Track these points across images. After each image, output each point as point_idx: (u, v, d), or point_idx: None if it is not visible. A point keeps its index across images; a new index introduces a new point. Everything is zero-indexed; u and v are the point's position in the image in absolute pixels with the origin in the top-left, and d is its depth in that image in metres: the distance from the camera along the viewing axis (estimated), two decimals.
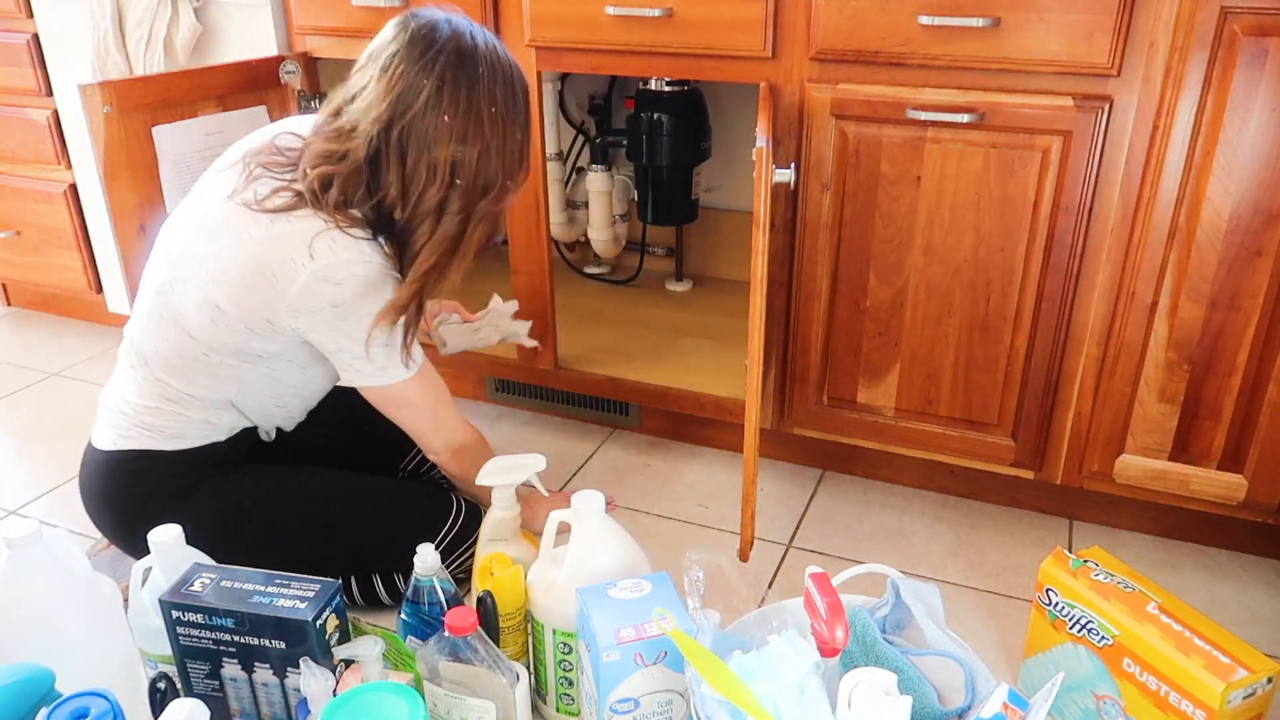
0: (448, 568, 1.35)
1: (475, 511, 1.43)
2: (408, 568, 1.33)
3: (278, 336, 1.24)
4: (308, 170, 1.19)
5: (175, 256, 1.26)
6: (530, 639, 1.23)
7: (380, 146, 1.17)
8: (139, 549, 1.20)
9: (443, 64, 1.15)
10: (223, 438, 1.34)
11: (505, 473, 1.28)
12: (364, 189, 1.19)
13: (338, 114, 1.20)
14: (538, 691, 1.23)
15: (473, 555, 1.38)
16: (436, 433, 1.39)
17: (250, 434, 1.39)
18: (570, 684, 1.19)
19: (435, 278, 1.23)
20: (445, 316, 1.66)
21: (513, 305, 1.68)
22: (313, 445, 1.46)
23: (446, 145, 1.17)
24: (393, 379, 1.29)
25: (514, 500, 1.30)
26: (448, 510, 1.41)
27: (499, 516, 1.30)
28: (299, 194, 1.19)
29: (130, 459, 1.30)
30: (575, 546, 1.17)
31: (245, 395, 1.31)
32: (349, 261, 1.18)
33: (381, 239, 1.22)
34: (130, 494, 1.31)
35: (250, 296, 1.20)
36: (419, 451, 1.56)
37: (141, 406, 1.30)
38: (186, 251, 1.24)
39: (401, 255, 1.23)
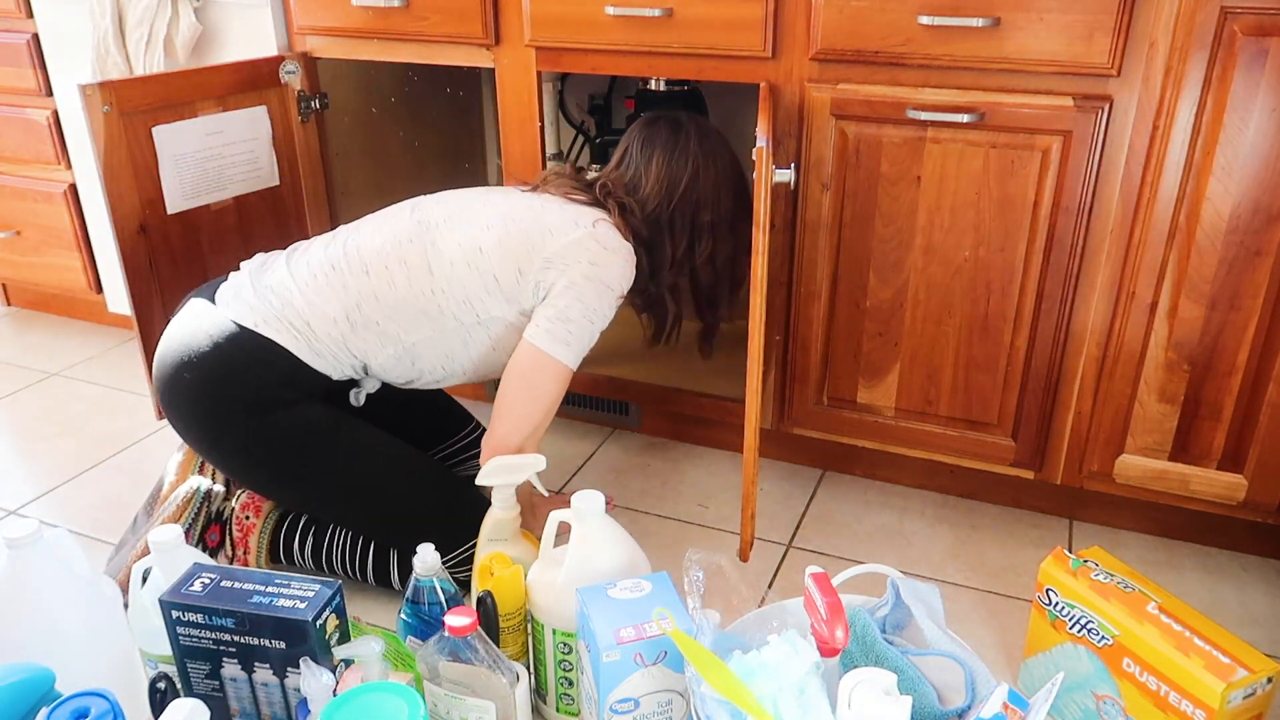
0: (452, 569, 1.36)
1: None
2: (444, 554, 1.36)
3: (510, 295, 1.35)
4: (608, 183, 1.45)
5: (451, 207, 1.40)
6: (530, 639, 1.23)
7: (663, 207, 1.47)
8: (205, 434, 1.32)
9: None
10: (338, 377, 1.38)
11: (505, 473, 1.28)
12: (642, 219, 1.45)
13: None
14: (538, 692, 1.23)
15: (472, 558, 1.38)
16: (518, 421, 1.38)
17: (348, 387, 1.43)
18: (570, 684, 1.19)
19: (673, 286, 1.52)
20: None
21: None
22: (374, 413, 1.47)
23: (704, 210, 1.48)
24: (557, 354, 1.35)
25: (514, 500, 1.30)
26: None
27: (499, 517, 1.30)
28: (593, 197, 1.44)
29: (263, 343, 1.31)
30: (575, 546, 1.17)
31: (427, 345, 1.37)
32: (618, 250, 1.37)
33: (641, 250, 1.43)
34: (234, 375, 1.31)
35: (517, 245, 1.34)
36: (457, 445, 1.64)
37: (316, 310, 1.33)
38: (466, 206, 1.40)
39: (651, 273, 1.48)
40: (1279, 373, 1.31)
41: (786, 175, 1.38)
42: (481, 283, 1.35)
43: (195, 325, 1.34)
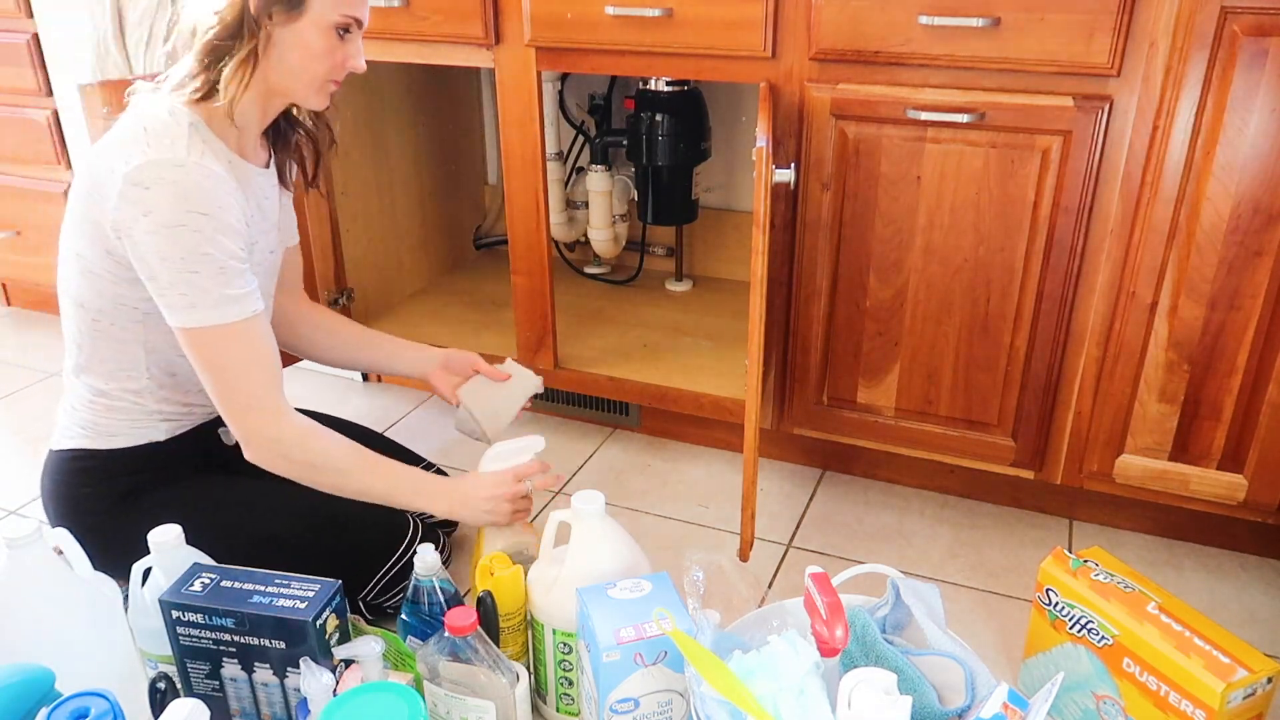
0: (393, 596, 1.34)
1: (432, 534, 1.39)
2: (359, 590, 1.31)
3: (128, 273, 1.17)
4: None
5: (62, 236, 1.24)
6: (530, 638, 1.23)
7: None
8: (92, 553, 1.16)
9: None
10: (161, 436, 1.30)
11: (508, 458, 1.27)
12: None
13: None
14: (538, 691, 1.23)
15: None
16: (229, 401, 1.19)
17: (201, 437, 1.35)
18: (570, 684, 1.19)
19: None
20: (470, 385, 1.54)
21: (527, 375, 1.56)
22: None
23: None
24: (192, 324, 1.14)
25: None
26: (402, 534, 1.34)
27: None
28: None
29: (68, 458, 1.29)
30: (575, 546, 1.17)
31: (158, 361, 1.26)
32: (162, 170, 1.10)
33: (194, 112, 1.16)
34: (73, 494, 1.29)
35: (87, 224, 1.16)
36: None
37: (76, 404, 1.29)
38: (65, 221, 1.23)
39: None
40: (1279, 373, 1.31)
41: (786, 175, 1.38)
42: (104, 279, 1.19)
43: (42, 472, 1.33)
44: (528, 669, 1.20)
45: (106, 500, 1.29)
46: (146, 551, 1.14)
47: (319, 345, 1.54)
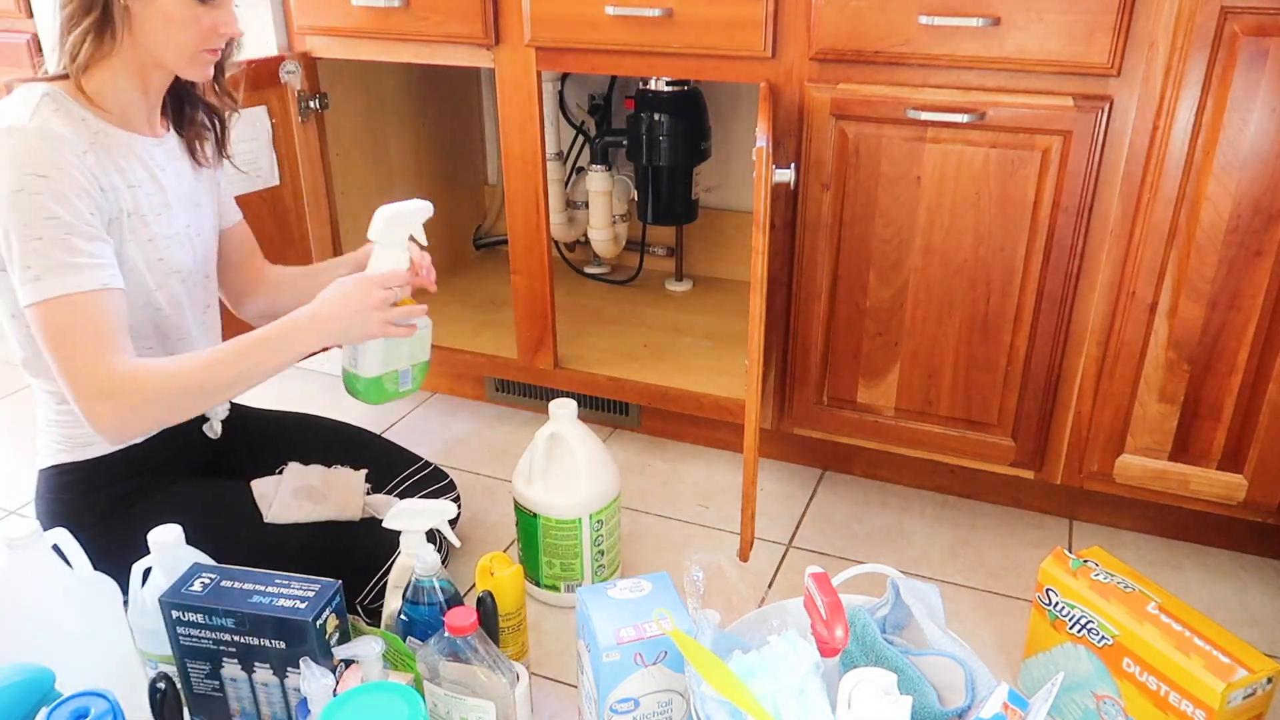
0: (363, 603, 1.33)
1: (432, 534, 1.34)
2: (356, 593, 1.30)
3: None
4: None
5: None
6: (520, 531, 1.41)
7: None
8: (91, 560, 1.15)
9: None
10: (139, 438, 1.26)
11: (412, 517, 1.21)
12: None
13: None
14: (529, 578, 1.42)
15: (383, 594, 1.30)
16: (71, 380, 1.10)
17: (184, 435, 1.31)
18: (603, 554, 1.41)
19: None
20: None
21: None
22: (276, 469, 1.37)
23: None
24: (35, 298, 1.06)
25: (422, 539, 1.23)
26: (391, 549, 1.28)
27: (406, 564, 1.23)
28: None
29: (53, 474, 1.28)
30: (556, 449, 1.37)
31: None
32: None
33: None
34: (64, 509, 1.28)
35: None
36: (393, 487, 1.45)
37: (48, 419, 1.27)
38: None
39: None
40: (1279, 372, 1.31)
41: (786, 175, 1.38)
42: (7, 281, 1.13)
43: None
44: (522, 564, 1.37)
45: (98, 510, 1.27)
46: (144, 555, 1.14)
47: (284, 304, 1.39)
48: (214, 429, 1.38)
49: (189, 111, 1.30)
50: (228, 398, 1.21)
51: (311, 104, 1.75)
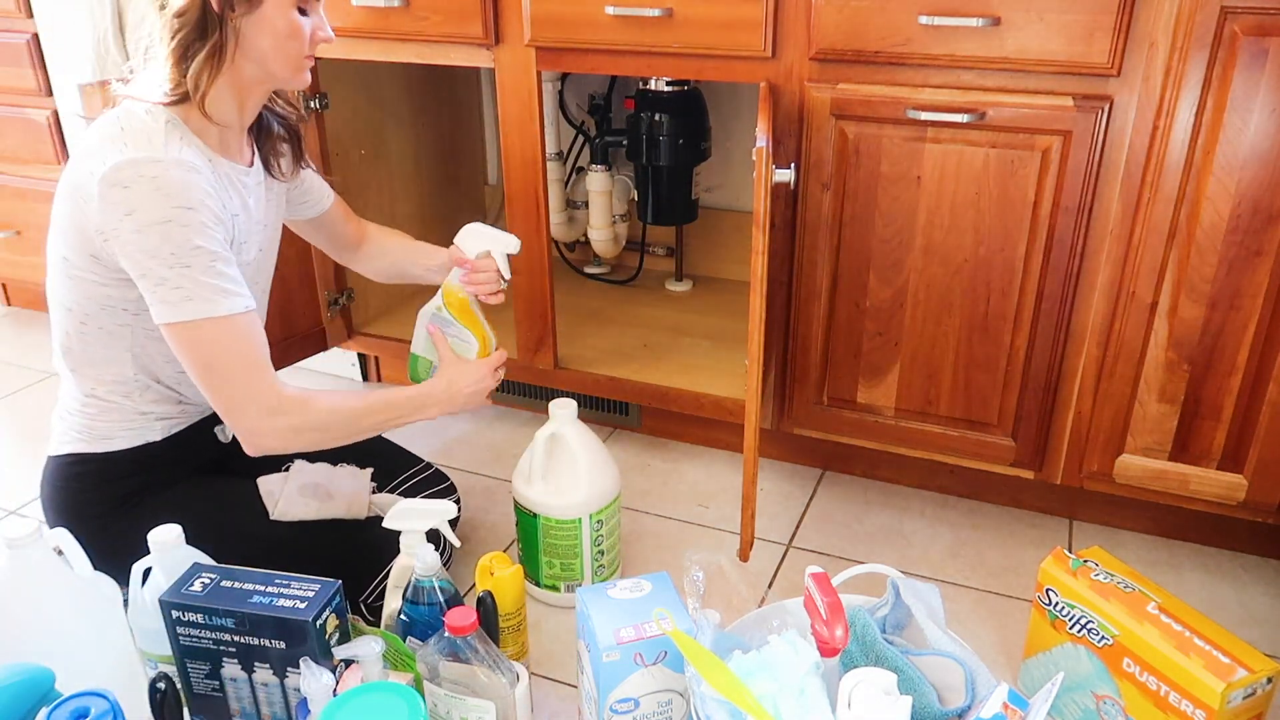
0: (365, 602, 1.34)
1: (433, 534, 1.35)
2: (358, 593, 1.31)
3: (114, 275, 1.17)
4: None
5: (48, 241, 1.24)
6: (520, 531, 1.41)
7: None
8: (93, 556, 1.17)
9: None
10: (157, 436, 1.30)
11: (412, 518, 1.23)
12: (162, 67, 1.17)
13: None
14: (529, 577, 1.42)
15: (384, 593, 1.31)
16: (227, 400, 1.18)
17: (198, 435, 1.35)
18: (603, 554, 1.41)
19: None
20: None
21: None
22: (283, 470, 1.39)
23: None
24: (184, 317, 1.13)
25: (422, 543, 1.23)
26: (395, 548, 1.28)
27: (406, 565, 1.23)
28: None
29: (66, 463, 1.29)
30: (556, 450, 1.37)
31: (143, 362, 1.26)
32: (135, 161, 1.10)
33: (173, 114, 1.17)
34: (73, 499, 1.29)
35: (72, 230, 1.17)
36: (394, 486, 1.47)
37: (70, 409, 1.29)
38: (50, 227, 1.23)
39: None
40: (1279, 372, 1.31)
41: (786, 175, 1.38)
42: (90, 282, 1.19)
43: (41, 479, 1.33)
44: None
45: (106, 504, 1.28)
46: (147, 553, 1.14)
47: (385, 270, 1.60)
48: (225, 433, 1.40)
49: (270, 126, 1.35)
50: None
51: (311, 104, 1.75)
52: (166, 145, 1.13)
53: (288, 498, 1.32)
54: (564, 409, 1.37)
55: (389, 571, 1.27)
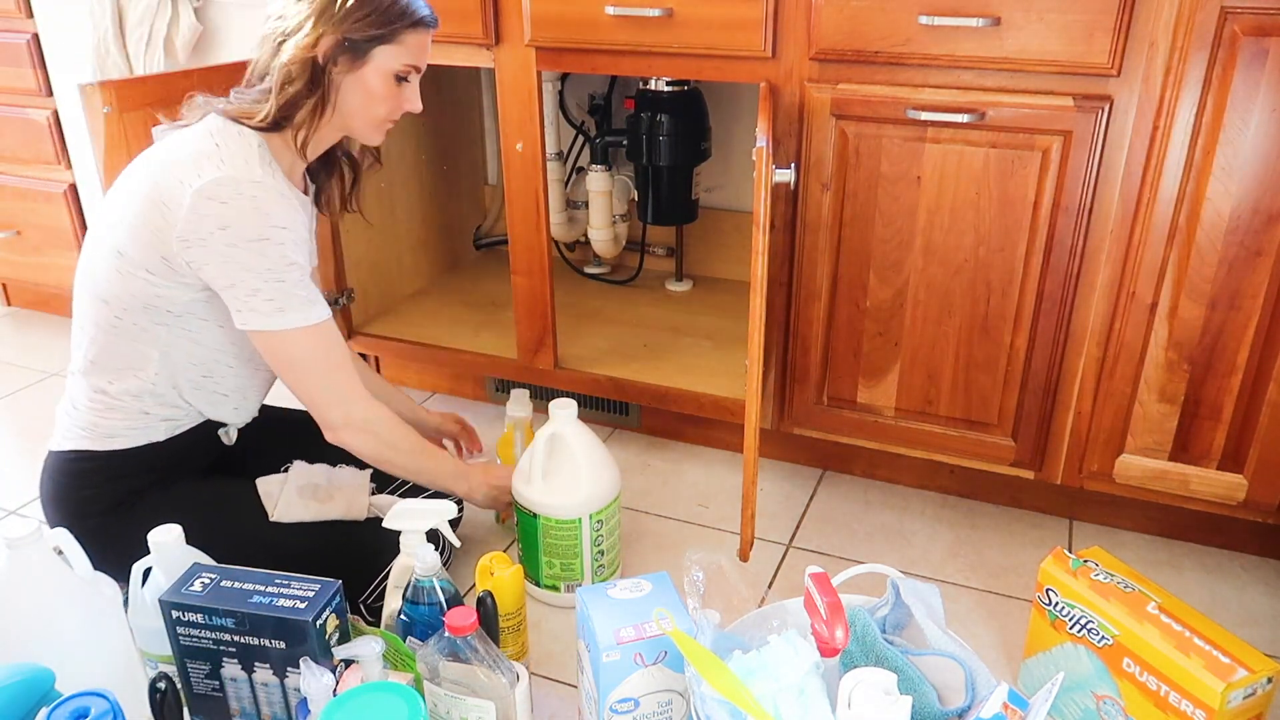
0: (365, 602, 1.34)
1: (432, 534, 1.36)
2: (359, 593, 1.31)
3: (178, 279, 1.21)
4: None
5: (93, 232, 1.28)
6: (520, 532, 1.40)
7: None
8: (92, 554, 1.16)
9: None
10: (161, 437, 1.31)
11: (412, 517, 1.23)
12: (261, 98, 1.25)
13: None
14: (529, 578, 1.41)
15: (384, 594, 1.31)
16: (317, 400, 1.29)
17: (201, 437, 1.35)
18: (603, 554, 1.41)
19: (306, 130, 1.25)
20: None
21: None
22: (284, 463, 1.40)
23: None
24: (274, 326, 1.21)
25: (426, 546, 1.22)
26: (394, 549, 1.28)
27: (406, 565, 1.24)
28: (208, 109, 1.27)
29: (69, 459, 1.29)
30: (554, 450, 1.37)
31: (169, 364, 1.27)
32: (238, 189, 1.17)
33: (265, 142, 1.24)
34: (73, 496, 1.30)
35: (148, 234, 1.20)
36: (397, 484, 1.46)
37: (76, 404, 1.29)
38: (99, 220, 1.27)
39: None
40: (1279, 373, 1.31)
41: (786, 175, 1.38)
42: (141, 281, 1.22)
43: (42, 474, 1.34)
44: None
45: (107, 502, 1.29)
46: (146, 553, 1.14)
47: None
48: (229, 435, 1.40)
49: (333, 162, 1.41)
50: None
51: None
52: (262, 168, 1.20)
53: (286, 499, 1.33)
54: (564, 409, 1.37)
55: (389, 571, 1.27)
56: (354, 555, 1.32)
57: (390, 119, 1.30)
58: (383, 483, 1.44)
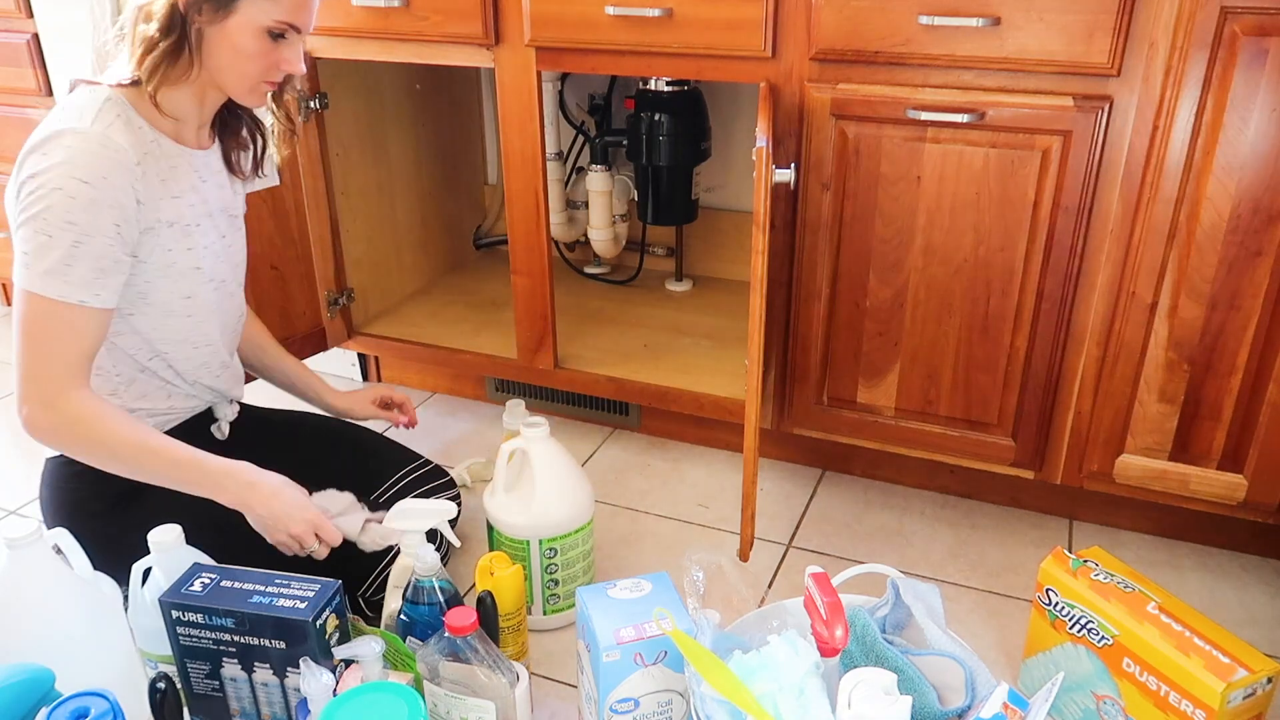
0: (362, 595, 1.34)
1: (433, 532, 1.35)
2: (358, 586, 1.31)
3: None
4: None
5: None
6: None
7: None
8: (93, 556, 1.16)
9: None
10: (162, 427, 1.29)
11: (412, 517, 1.22)
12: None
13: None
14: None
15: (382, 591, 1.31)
16: (24, 393, 1.15)
17: (193, 433, 1.34)
18: (556, 583, 1.35)
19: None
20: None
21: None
22: (282, 467, 1.36)
23: None
24: (23, 282, 1.12)
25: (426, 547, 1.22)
26: (393, 550, 1.29)
27: (406, 565, 1.23)
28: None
29: (64, 463, 1.28)
30: (527, 468, 1.33)
31: (118, 362, 1.25)
32: (59, 132, 1.11)
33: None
34: (71, 499, 1.29)
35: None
36: (393, 483, 1.46)
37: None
38: None
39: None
40: (1279, 373, 1.31)
41: (786, 175, 1.38)
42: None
43: (41, 477, 1.33)
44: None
45: (105, 502, 1.28)
46: (146, 552, 1.14)
47: (252, 364, 1.55)
48: (221, 430, 1.40)
49: (234, 123, 1.34)
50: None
51: (311, 104, 1.75)
52: (96, 119, 1.13)
53: (370, 531, 1.27)
54: (534, 428, 1.33)
55: (388, 564, 1.27)
56: (352, 549, 1.32)
57: (267, 79, 1.21)
58: (380, 481, 1.44)
